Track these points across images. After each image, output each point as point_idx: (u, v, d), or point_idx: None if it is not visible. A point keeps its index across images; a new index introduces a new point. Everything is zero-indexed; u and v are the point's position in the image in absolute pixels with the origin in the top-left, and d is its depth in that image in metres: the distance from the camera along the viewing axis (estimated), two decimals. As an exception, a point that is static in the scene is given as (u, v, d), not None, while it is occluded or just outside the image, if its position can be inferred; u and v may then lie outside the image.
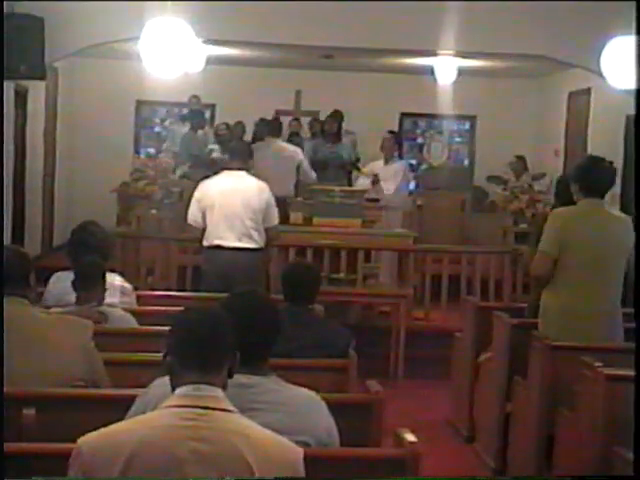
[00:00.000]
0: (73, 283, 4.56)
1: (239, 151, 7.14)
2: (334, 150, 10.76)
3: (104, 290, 4.63)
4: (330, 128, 10.80)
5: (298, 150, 10.30)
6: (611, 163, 5.32)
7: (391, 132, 10.18)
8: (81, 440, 2.43)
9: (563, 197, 5.57)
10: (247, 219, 6.83)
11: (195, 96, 11.94)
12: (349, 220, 8.90)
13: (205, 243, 6.94)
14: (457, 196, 12.11)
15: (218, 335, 2.56)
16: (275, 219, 7.03)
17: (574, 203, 5.25)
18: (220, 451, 2.38)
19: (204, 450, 2.37)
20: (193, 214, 6.96)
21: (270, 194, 7.00)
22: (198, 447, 2.37)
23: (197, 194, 7.01)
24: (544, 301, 5.23)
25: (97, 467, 2.37)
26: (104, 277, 4.64)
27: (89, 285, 4.54)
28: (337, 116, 11.01)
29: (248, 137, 11.77)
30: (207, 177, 7.40)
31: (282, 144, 10.23)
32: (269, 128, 10.44)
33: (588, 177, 5.18)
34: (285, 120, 12.17)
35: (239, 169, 6.98)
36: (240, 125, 12.15)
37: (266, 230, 6.92)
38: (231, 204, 6.82)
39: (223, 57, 11.77)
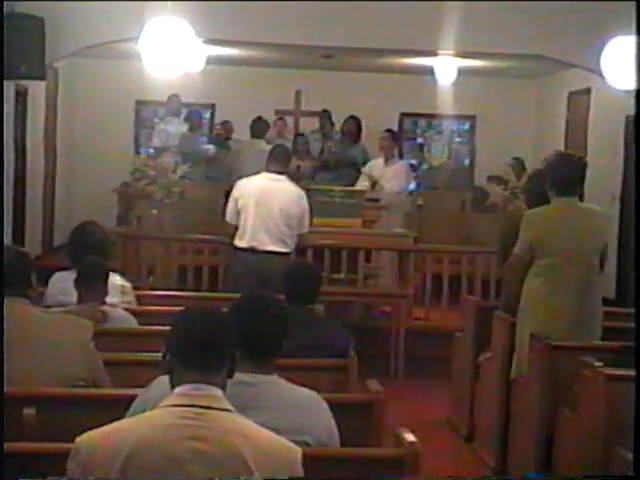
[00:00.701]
0: (75, 282, 4.57)
1: (279, 154, 7.10)
2: (351, 151, 10.78)
3: (106, 290, 4.63)
4: (350, 128, 10.82)
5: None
6: (580, 158, 5.32)
7: (388, 131, 10.15)
8: (80, 439, 2.43)
9: (535, 194, 5.57)
10: (283, 224, 6.81)
11: (175, 95, 11.80)
12: (349, 220, 8.90)
13: (239, 244, 6.87)
14: (457, 196, 12.09)
15: (218, 335, 2.56)
16: (307, 226, 7.04)
17: (547, 198, 5.24)
18: (219, 450, 2.38)
19: (203, 449, 2.37)
20: (230, 211, 6.92)
21: (306, 201, 7.00)
22: (197, 446, 2.37)
23: (235, 192, 6.98)
24: (523, 301, 5.24)
25: (96, 466, 2.37)
26: (106, 277, 4.64)
27: (91, 285, 4.55)
28: (356, 117, 11.02)
29: (242, 136, 11.72)
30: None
31: (266, 145, 10.23)
32: (252, 129, 10.47)
33: (557, 174, 5.18)
34: (288, 120, 12.21)
35: (279, 172, 6.95)
36: (228, 124, 12.12)
37: (298, 235, 6.93)
38: (269, 207, 6.79)
39: (223, 57, 11.76)
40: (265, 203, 6.81)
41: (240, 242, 6.85)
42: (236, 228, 6.88)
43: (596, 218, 5.29)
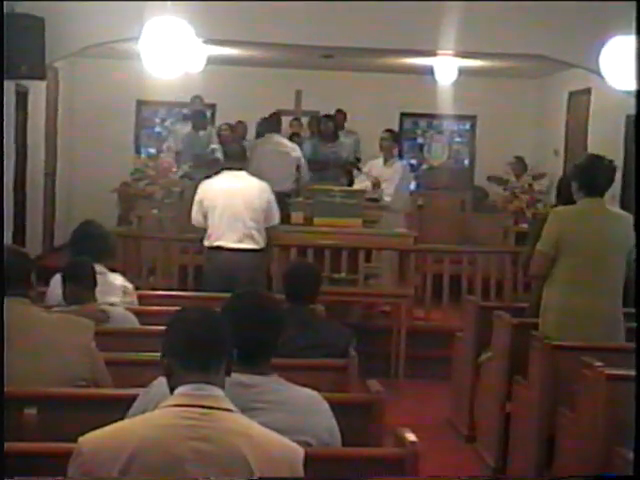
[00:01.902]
0: (62, 283, 4.54)
1: (236, 152, 7.18)
2: (334, 150, 10.78)
3: (94, 290, 4.58)
4: (326, 128, 10.83)
5: (296, 147, 10.32)
6: (611, 161, 5.33)
7: (388, 130, 10.14)
8: (82, 439, 2.43)
9: (564, 196, 5.58)
10: (249, 219, 6.86)
11: (197, 96, 11.93)
12: (350, 220, 8.90)
13: (206, 243, 6.98)
14: (457, 196, 12.11)
15: (217, 335, 2.57)
16: (276, 218, 7.08)
17: (574, 202, 5.26)
18: (221, 451, 2.38)
19: (205, 449, 2.37)
20: (195, 215, 7.01)
21: (271, 193, 7.04)
22: (199, 446, 2.37)
23: (198, 195, 7.06)
24: (544, 300, 5.24)
25: (98, 466, 2.37)
26: (94, 277, 4.59)
27: (77, 285, 4.50)
28: (332, 115, 11.00)
29: (250, 136, 11.79)
30: (207, 177, 7.44)
31: (281, 140, 10.25)
32: (268, 124, 10.47)
33: (587, 176, 5.19)
34: (286, 120, 12.19)
35: (239, 169, 7.01)
36: (242, 125, 12.16)
37: (267, 229, 6.96)
38: (233, 204, 6.85)
39: (223, 57, 11.76)
40: (229, 201, 6.88)
41: (208, 242, 6.94)
42: (205, 230, 6.96)
43: (623, 222, 5.25)
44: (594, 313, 5.09)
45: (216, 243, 6.90)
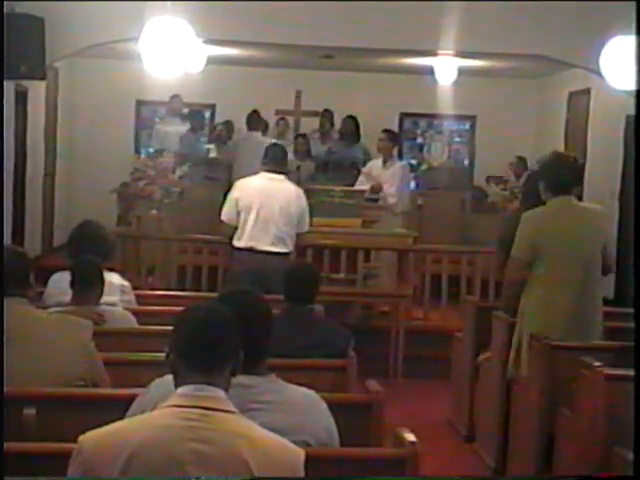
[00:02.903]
0: (71, 283, 4.56)
1: (277, 154, 7.09)
2: (351, 151, 10.78)
3: (101, 290, 4.61)
4: (347, 128, 10.83)
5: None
6: (575, 158, 5.32)
7: (387, 131, 10.12)
8: (81, 438, 2.43)
9: (530, 198, 5.57)
10: (283, 224, 6.81)
11: (176, 95, 11.78)
12: (349, 220, 8.90)
13: (237, 244, 6.87)
14: (457, 196, 12.10)
15: (223, 336, 2.54)
16: (307, 225, 7.06)
17: (543, 203, 5.24)
18: (220, 452, 2.37)
19: (204, 451, 2.37)
20: (229, 212, 6.90)
21: (306, 200, 7.01)
22: (198, 448, 2.37)
23: (235, 192, 6.97)
24: (523, 302, 5.23)
25: (98, 465, 2.37)
26: (102, 277, 4.63)
27: (85, 285, 4.53)
28: (354, 117, 11.03)
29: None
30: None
31: (261, 138, 10.20)
32: (248, 123, 10.48)
33: (553, 174, 5.18)
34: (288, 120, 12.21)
35: (278, 172, 6.96)
36: (229, 124, 12.12)
37: (297, 235, 6.94)
38: (269, 207, 6.79)
39: (223, 57, 11.76)
40: (266, 203, 6.81)
41: (239, 242, 6.85)
42: (235, 228, 6.88)
43: (594, 216, 5.27)
44: (573, 312, 5.08)
45: (249, 244, 6.82)
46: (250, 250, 6.79)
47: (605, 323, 5.26)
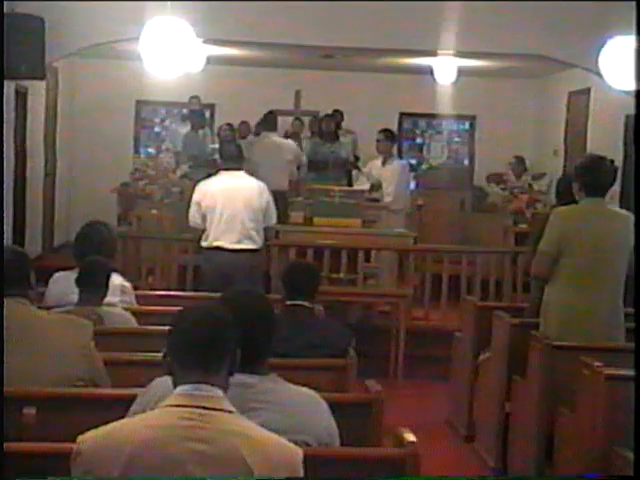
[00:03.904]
0: (77, 280, 4.57)
1: (232, 152, 7.17)
2: (333, 149, 10.78)
3: (106, 291, 4.63)
4: (327, 127, 10.83)
5: (293, 146, 10.30)
6: (612, 162, 5.33)
7: (383, 131, 10.11)
8: (80, 438, 2.43)
9: (564, 196, 5.59)
10: (248, 220, 6.86)
11: (195, 96, 11.95)
12: (349, 220, 8.90)
13: (204, 244, 6.98)
14: (457, 196, 12.10)
15: (219, 336, 2.54)
16: (274, 218, 7.10)
17: (575, 202, 5.26)
18: (219, 451, 2.38)
19: (203, 450, 2.37)
20: (193, 216, 6.99)
21: (269, 194, 7.05)
22: (197, 447, 2.37)
23: (196, 196, 7.04)
24: (545, 300, 5.24)
25: (97, 466, 2.38)
26: (108, 277, 4.64)
27: (93, 283, 4.55)
28: (334, 115, 11.02)
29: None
30: (207, 177, 7.44)
31: (276, 139, 10.22)
32: (263, 123, 10.48)
33: (589, 176, 5.19)
34: (287, 120, 12.19)
35: (237, 169, 7.01)
36: (245, 125, 12.14)
37: (265, 229, 6.97)
38: (232, 205, 6.85)
39: (223, 57, 11.76)
40: (229, 201, 6.87)
41: (206, 242, 6.94)
42: (203, 230, 6.95)
43: (623, 221, 5.25)
44: (595, 313, 5.09)
45: (215, 243, 6.89)
46: (217, 249, 6.85)
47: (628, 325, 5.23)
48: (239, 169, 7.03)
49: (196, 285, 7.87)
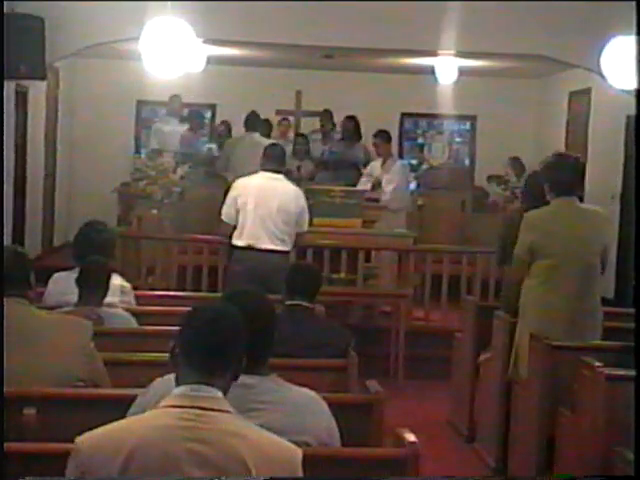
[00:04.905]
0: (77, 280, 4.57)
1: (275, 153, 7.10)
2: (352, 151, 10.78)
3: (106, 291, 4.62)
4: (347, 128, 10.83)
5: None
6: (577, 158, 5.34)
7: (381, 132, 10.09)
8: (79, 439, 2.43)
9: (531, 196, 5.60)
10: (281, 222, 6.81)
11: (176, 95, 11.79)
12: (349, 220, 8.90)
13: (236, 242, 6.88)
14: (457, 196, 12.09)
15: (229, 338, 2.53)
16: (306, 224, 7.04)
17: (544, 202, 5.25)
18: (218, 452, 2.37)
19: (201, 450, 2.37)
20: (228, 211, 6.91)
21: (305, 200, 7.01)
22: (195, 447, 2.37)
23: (233, 191, 6.98)
24: (523, 301, 5.24)
25: (95, 466, 2.37)
26: (109, 278, 4.64)
27: (93, 284, 4.54)
28: (354, 116, 11.02)
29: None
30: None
31: (259, 138, 10.20)
32: (246, 123, 10.50)
33: (555, 175, 5.19)
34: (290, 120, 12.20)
35: (277, 172, 6.96)
36: (225, 124, 12.14)
37: (297, 234, 6.93)
38: (268, 206, 6.79)
39: (223, 57, 11.76)
40: (264, 202, 6.82)
41: (238, 241, 6.85)
42: (234, 227, 6.89)
43: (596, 219, 5.29)
44: (572, 313, 5.09)
45: (248, 242, 6.82)
46: (249, 248, 6.79)
47: (605, 324, 5.26)
48: (279, 172, 6.98)
49: (211, 284, 7.81)
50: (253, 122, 10.49)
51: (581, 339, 5.04)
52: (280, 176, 6.98)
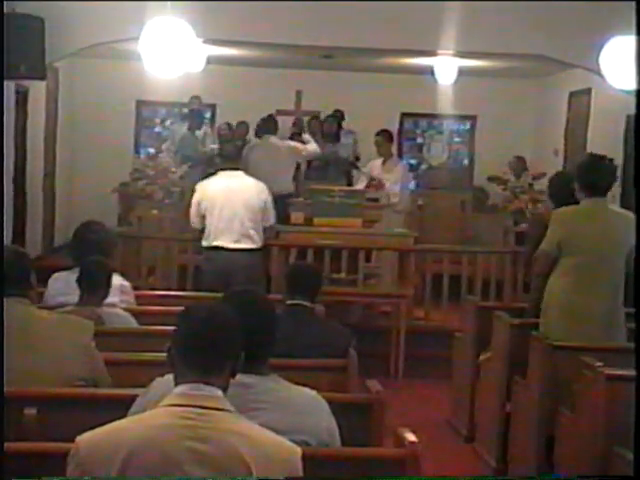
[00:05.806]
0: (78, 280, 4.57)
1: (231, 152, 7.23)
2: (334, 150, 10.79)
3: (107, 291, 4.62)
4: (329, 128, 10.85)
5: (298, 145, 10.29)
6: (611, 160, 5.34)
7: (383, 131, 10.08)
8: (78, 439, 2.43)
9: (558, 196, 5.60)
10: (247, 219, 6.91)
11: (196, 96, 11.95)
12: (349, 220, 8.90)
13: (204, 243, 7.05)
14: (457, 196, 12.10)
15: (223, 337, 2.53)
16: (273, 218, 7.15)
17: (571, 201, 5.26)
18: (218, 451, 2.37)
19: (202, 450, 2.37)
20: (193, 216, 7.06)
21: (268, 193, 7.09)
22: (196, 447, 2.37)
23: (197, 196, 7.11)
24: (546, 300, 5.25)
25: (95, 466, 2.37)
26: (109, 278, 4.64)
27: (94, 284, 4.55)
28: (336, 116, 11.02)
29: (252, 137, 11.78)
30: (205, 177, 7.47)
31: (278, 141, 10.23)
32: (263, 126, 10.50)
33: (589, 176, 5.20)
34: (287, 120, 12.18)
35: (235, 169, 7.04)
36: (244, 125, 12.15)
37: (264, 229, 7.01)
38: (231, 205, 6.89)
39: (223, 57, 11.76)
40: (228, 202, 6.93)
41: (206, 242, 7.01)
42: (202, 229, 7.01)
43: (624, 221, 5.26)
44: (595, 313, 5.11)
45: (214, 243, 6.95)
46: (217, 248, 6.91)
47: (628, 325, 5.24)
48: (237, 169, 7.07)
49: (196, 284, 7.89)
50: (271, 125, 10.47)
51: (610, 339, 5.03)
52: (239, 172, 7.08)
